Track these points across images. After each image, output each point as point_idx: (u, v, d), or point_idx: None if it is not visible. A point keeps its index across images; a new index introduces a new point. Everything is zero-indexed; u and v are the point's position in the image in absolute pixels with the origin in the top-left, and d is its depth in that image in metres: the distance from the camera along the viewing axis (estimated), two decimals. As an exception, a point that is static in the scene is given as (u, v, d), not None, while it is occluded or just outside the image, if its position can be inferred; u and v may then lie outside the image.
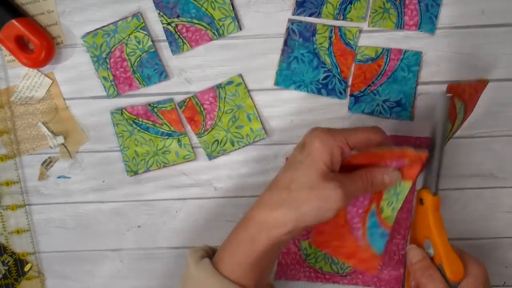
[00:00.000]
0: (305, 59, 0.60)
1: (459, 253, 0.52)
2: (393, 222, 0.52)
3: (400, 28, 0.58)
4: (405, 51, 0.59)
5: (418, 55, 0.59)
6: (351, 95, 0.60)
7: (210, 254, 0.52)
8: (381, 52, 0.59)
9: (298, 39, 0.59)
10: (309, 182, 0.46)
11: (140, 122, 0.61)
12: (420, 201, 0.53)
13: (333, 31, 0.59)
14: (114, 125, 0.61)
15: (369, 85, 0.60)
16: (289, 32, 0.59)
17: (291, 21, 0.59)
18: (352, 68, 0.60)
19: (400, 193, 0.51)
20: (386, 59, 0.59)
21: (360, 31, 0.59)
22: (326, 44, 0.59)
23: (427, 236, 0.52)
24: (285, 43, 0.59)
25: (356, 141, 0.49)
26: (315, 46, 0.59)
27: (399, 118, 0.61)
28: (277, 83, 0.60)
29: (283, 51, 0.59)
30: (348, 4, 0.58)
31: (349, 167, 0.50)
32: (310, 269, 0.64)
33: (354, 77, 0.60)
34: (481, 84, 0.57)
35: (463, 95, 0.54)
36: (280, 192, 0.47)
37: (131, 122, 0.61)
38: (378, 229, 0.52)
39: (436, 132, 0.50)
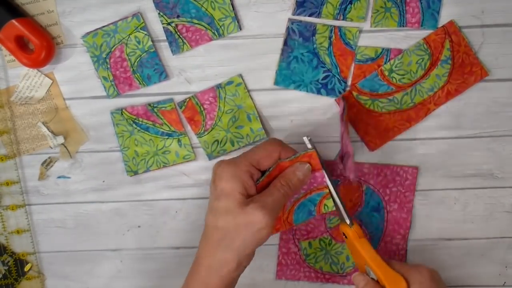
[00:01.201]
0: (304, 59, 0.59)
1: (399, 267, 0.53)
2: (327, 211, 0.55)
3: (403, 26, 0.58)
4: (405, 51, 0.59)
5: None
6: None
7: None
8: (381, 52, 0.59)
9: (298, 39, 0.59)
10: (231, 215, 0.49)
11: (140, 122, 0.61)
12: (344, 236, 0.56)
13: (333, 31, 0.59)
14: (114, 125, 0.61)
15: None
16: (289, 32, 0.59)
17: (291, 21, 0.58)
18: (352, 68, 0.60)
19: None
20: (386, 59, 0.59)
21: (360, 31, 0.59)
22: (326, 44, 0.59)
23: (365, 263, 0.54)
24: (285, 42, 0.59)
25: (259, 160, 0.52)
26: (315, 46, 0.59)
27: (399, 118, 0.61)
28: (276, 82, 0.60)
29: (283, 50, 0.59)
30: (348, 4, 0.58)
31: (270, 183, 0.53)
32: (310, 269, 0.64)
33: (354, 77, 0.60)
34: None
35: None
36: (213, 233, 0.50)
37: (131, 122, 0.61)
38: (311, 206, 0.55)
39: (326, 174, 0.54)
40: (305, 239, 0.63)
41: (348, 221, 0.55)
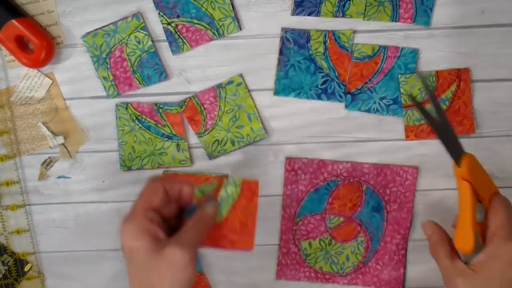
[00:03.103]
0: (302, 66, 0.60)
1: (499, 223, 0.49)
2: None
3: (395, 21, 0.58)
4: (402, 48, 0.59)
5: (415, 53, 0.59)
6: (348, 92, 0.60)
7: None
8: (378, 50, 0.59)
9: (293, 47, 0.59)
10: (150, 266, 0.46)
11: (143, 120, 0.61)
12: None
13: (327, 36, 0.59)
14: (116, 118, 0.61)
15: (366, 83, 0.60)
16: (283, 41, 0.59)
17: (284, 30, 0.59)
18: (349, 70, 0.60)
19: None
20: (383, 57, 0.59)
21: (354, 32, 0.59)
22: (321, 49, 0.59)
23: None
24: (280, 52, 0.59)
25: (149, 201, 0.49)
26: (310, 52, 0.59)
27: (395, 116, 0.61)
28: (276, 92, 0.60)
29: (279, 60, 0.59)
30: (347, 1, 0.58)
31: None
32: (310, 269, 0.64)
33: (351, 75, 0.60)
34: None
35: None
36: None
37: (134, 118, 0.61)
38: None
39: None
40: (305, 239, 0.63)
41: (455, 159, 0.49)
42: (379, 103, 0.60)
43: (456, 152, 0.50)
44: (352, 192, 0.62)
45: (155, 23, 0.59)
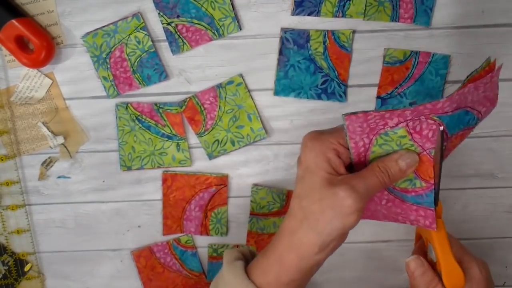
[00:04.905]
0: (301, 66, 0.59)
1: (460, 256, 0.51)
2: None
3: (395, 21, 0.58)
4: (434, 54, 0.59)
5: (446, 59, 0.59)
6: (378, 97, 0.60)
7: (248, 256, 0.50)
8: (410, 55, 0.59)
9: (292, 47, 0.59)
10: (317, 195, 0.44)
11: (143, 120, 0.61)
12: None
13: (326, 36, 0.59)
14: (116, 118, 0.61)
15: (397, 87, 0.60)
16: (283, 41, 0.59)
17: (284, 30, 0.58)
18: (349, 69, 0.60)
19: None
20: (414, 62, 0.59)
21: (354, 31, 0.59)
22: (321, 49, 0.59)
23: (430, 241, 0.51)
24: (280, 52, 0.59)
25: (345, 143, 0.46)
26: (310, 52, 0.59)
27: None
28: (276, 92, 0.60)
29: (279, 60, 0.59)
30: (347, 1, 0.58)
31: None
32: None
33: (382, 79, 0.59)
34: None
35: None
36: (296, 213, 0.45)
37: (134, 118, 0.61)
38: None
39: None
40: None
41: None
42: None
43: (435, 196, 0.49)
44: None
45: (155, 23, 0.59)
